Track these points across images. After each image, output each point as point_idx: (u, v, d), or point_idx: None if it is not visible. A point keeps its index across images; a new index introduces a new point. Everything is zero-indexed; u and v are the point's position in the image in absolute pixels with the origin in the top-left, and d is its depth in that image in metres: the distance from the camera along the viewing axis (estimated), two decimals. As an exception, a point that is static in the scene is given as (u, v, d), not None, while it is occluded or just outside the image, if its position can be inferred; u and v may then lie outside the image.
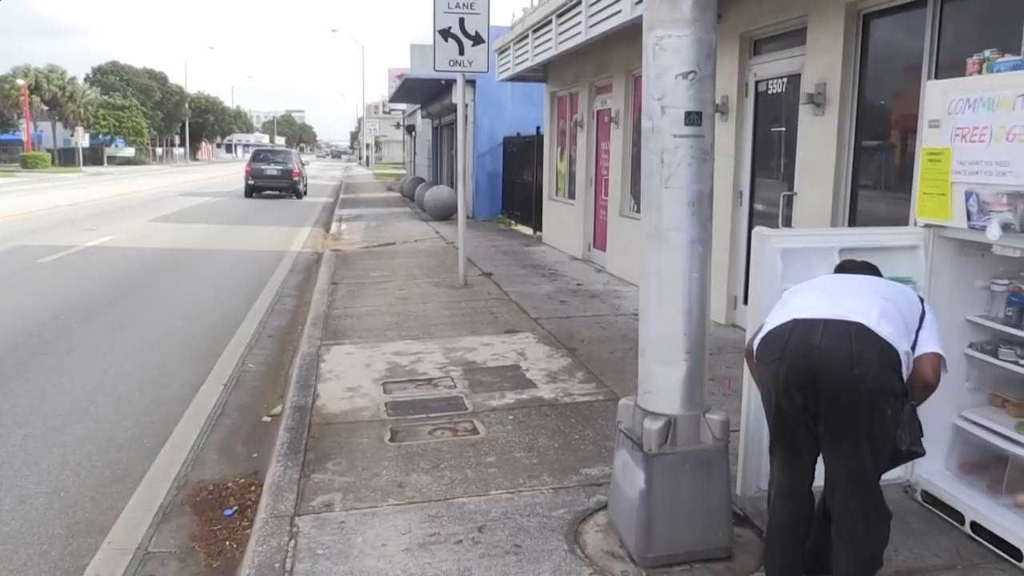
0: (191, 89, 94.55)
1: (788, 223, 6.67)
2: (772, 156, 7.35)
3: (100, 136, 67.77)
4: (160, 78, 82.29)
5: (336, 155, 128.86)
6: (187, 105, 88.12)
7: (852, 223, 6.02)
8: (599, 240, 12.10)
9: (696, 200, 3.25)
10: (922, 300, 3.06)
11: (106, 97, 70.67)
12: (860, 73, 6.05)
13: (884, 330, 2.74)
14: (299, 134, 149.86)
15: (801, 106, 6.47)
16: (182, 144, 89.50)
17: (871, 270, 3.19)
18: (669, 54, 3.21)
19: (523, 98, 19.11)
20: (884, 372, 2.71)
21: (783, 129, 7.07)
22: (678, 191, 3.23)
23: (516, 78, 15.08)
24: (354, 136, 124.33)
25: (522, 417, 5.27)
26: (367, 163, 75.25)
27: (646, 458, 3.35)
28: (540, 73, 14.36)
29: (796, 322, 2.85)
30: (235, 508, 4.35)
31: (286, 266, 12.81)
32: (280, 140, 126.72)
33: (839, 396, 2.72)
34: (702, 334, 3.39)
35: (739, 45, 7.51)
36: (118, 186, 36.03)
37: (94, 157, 65.18)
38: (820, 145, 6.26)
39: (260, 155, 30.28)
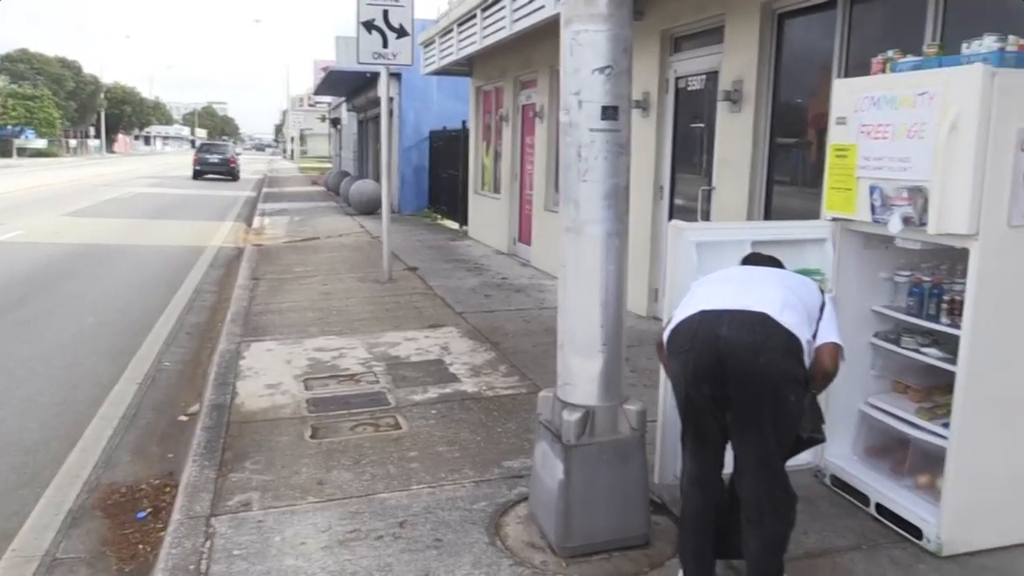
0: (107, 79, 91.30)
1: (707, 217, 6.81)
2: (692, 151, 7.50)
3: (8, 127, 64.78)
4: (74, 67, 79.12)
5: (260, 148, 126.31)
6: (103, 95, 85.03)
7: (767, 217, 6.19)
8: (524, 234, 12.16)
9: (613, 194, 3.29)
10: (823, 292, 3.14)
11: (15, 86, 67.58)
12: (775, 71, 6.21)
13: (787, 320, 2.80)
14: (221, 126, 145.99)
15: (719, 103, 6.61)
16: (98, 136, 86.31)
17: (775, 263, 3.29)
18: (586, 49, 3.24)
19: (449, 92, 19.04)
20: (788, 360, 2.78)
21: (702, 125, 7.21)
22: (595, 185, 3.27)
23: (442, 72, 15.03)
24: (278, 129, 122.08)
25: (445, 411, 5.26)
26: (292, 157, 73.93)
27: (565, 449, 3.38)
28: (466, 67, 14.34)
29: (703, 313, 2.90)
30: (149, 510, 4.24)
31: (206, 261, 12.51)
32: (201, 133, 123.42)
33: (745, 384, 2.78)
34: (619, 326, 3.44)
35: (660, 42, 7.62)
36: (28, 179, 34.51)
37: (2, 149, 62.29)
38: (737, 141, 6.41)
39: (204, 148, 40.14)
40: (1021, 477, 3.52)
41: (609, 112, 3.23)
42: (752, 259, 3.34)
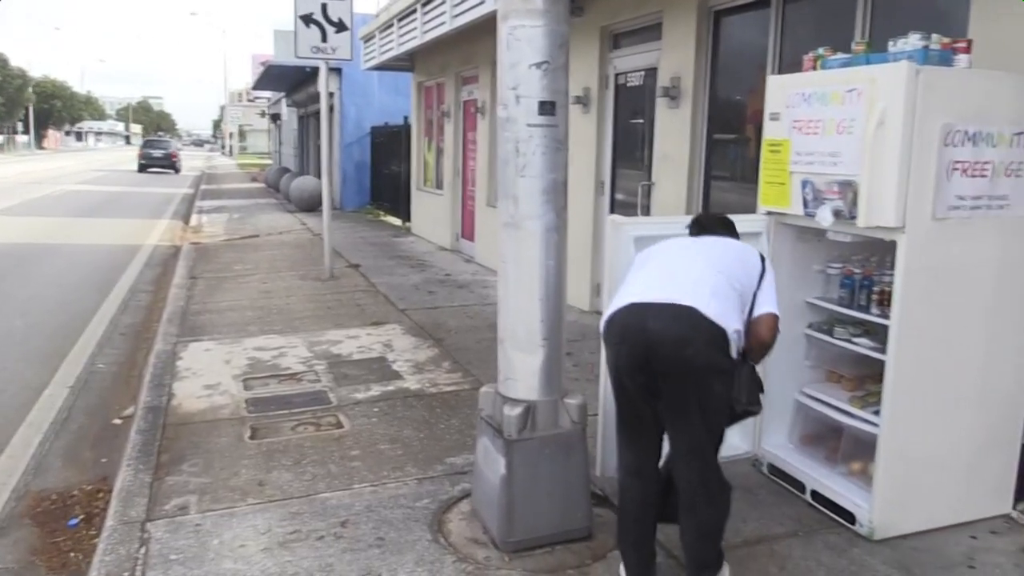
0: (36, 73, 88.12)
1: (647, 212, 6.89)
2: (632, 147, 7.57)
3: (-72, 123, 62.15)
4: (-1, 60, 76.35)
5: (199, 144, 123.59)
6: (31, 90, 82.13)
7: (706, 211, 6.27)
8: (467, 230, 12.14)
9: (551, 189, 3.30)
10: (763, 259, 3.13)
11: (-65, 80, 64.95)
12: (712, 68, 6.31)
13: (713, 311, 2.83)
14: (157, 122, 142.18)
15: (657, 99, 6.69)
16: (26, 132, 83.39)
17: (725, 225, 3.30)
18: (523, 44, 3.24)
19: (391, 87, 18.89)
20: (711, 352, 2.83)
21: (642, 121, 7.28)
22: (533, 180, 3.27)
23: (383, 67, 14.90)
24: (217, 125, 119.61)
25: (387, 409, 5.23)
26: (231, 153, 72.53)
27: (506, 444, 3.39)
28: (407, 63, 14.23)
29: (632, 306, 2.94)
30: (81, 517, 4.12)
31: (141, 260, 12.20)
32: (136, 128, 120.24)
33: (672, 376, 2.83)
34: (559, 321, 3.45)
35: (599, 38, 7.68)
36: (-49, 177, 33.30)
37: (-78, 146, 59.80)
38: (675, 137, 6.50)
39: (149, 144, 44.78)
40: (947, 462, 3.65)
41: (546, 107, 3.24)
42: (701, 220, 3.36)
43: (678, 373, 2.82)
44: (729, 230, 3.32)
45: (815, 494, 3.88)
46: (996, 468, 3.78)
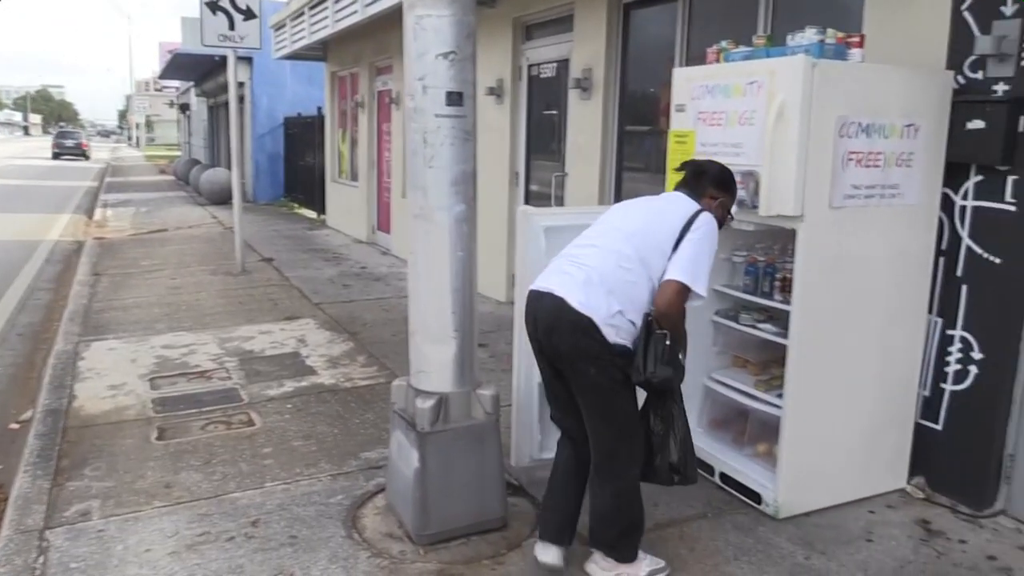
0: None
1: (561, 202, 6.94)
2: (546, 138, 7.61)
3: None
4: None
5: (105, 135, 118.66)
6: (-83, 77, 77.53)
7: (618, 201, 6.35)
8: (383, 222, 12.02)
9: (460, 180, 3.29)
10: (692, 220, 2.99)
11: None
12: (622, 60, 6.39)
13: (579, 300, 2.91)
14: (58, 112, 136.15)
15: (570, 91, 6.73)
16: (-87, 122, 78.77)
17: (696, 177, 3.20)
18: (429, 34, 3.21)
19: (305, 77, 18.51)
20: (576, 338, 2.93)
21: (555, 112, 7.32)
22: (442, 171, 3.25)
23: (294, 56, 14.59)
24: (123, 115, 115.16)
25: (301, 405, 5.14)
26: (138, 144, 70.01)
27: (419, 437, 3.37)
28: (320, 52, 13.98)
29: (531, 293, 3.11)
30: (-26, 527, 3.92)
31: (41, 257, 11.68)
32: (35, 119, 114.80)
33: (556, 359, 3.05)
34: (471, 312, 3.45)
35: (512, 30, 7.68)
36: None
37: None
38: (587, 128, 6.56)
39: (61, 135, 51.09)
40: (847, 441, 3.80)
41: (454, 98, 3.22)
42: (687, 172, 3.27)
43: (558, 359, 3.04)
44: (697, 181, 3.19)
45: (724, 476, 3.99)
46: (892, 445, 3.95)
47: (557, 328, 2.96)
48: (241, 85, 18.54)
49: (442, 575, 3.26)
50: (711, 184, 3.18)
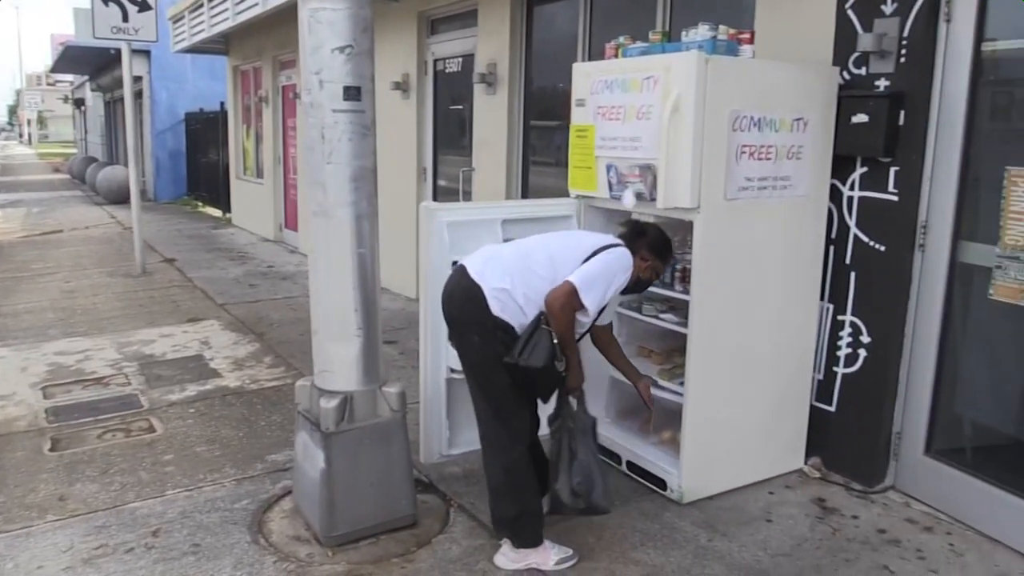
0: None
1: (469, 197, 6.94)
2: (453, 133, 7.59)
3: None
4: None
5: None
6: None
7: (525, 196, 6.41)
8: (290, 220, 11.78)
9: (360, 176, 3.25)
10: (606, 248, 3.19)
11: None
12: (527, 55, 6.41)
13: (475, 270, 3.13)
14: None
15: (475, 85, 6.73)
16: None
17: (634, 235, 3.39)
18: (325, 27, 3.15)
19: (207, 71, 18.00)
20: (463, 304, 3.12)
21: (462, 107, 7.31)
22: (341, 167, 3.21)
23: (194, 50, 14.12)
24: (12, 111, 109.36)
25: (204, 409, 5.00)
26: (30, 141, 66.74)
27: (324, 437, 3.32)
28: (221, 45, 13.58)
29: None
30: None
31: (-79, 262, 11.01)
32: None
33: (452, 333, 3.25)
34: (375, 309, 3.41)
35: (417, 24, 7.62)
36: None
37: None
38: (493, 123, 6.57)
39: None
40: (746, 425, 3.92)
41: (352, 92, 3.18)
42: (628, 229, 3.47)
43: (452, 326, 3.24)
44: (634, 240, 3.36)
45: (630, 464, 4.06)
46: (789, 428, 4.10)
47: (454, 295, 3.16)
48: (139, 79, 17.90)
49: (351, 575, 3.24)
50: (646, 247, 3.36)
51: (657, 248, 3.37)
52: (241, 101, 13.85)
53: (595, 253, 3.16)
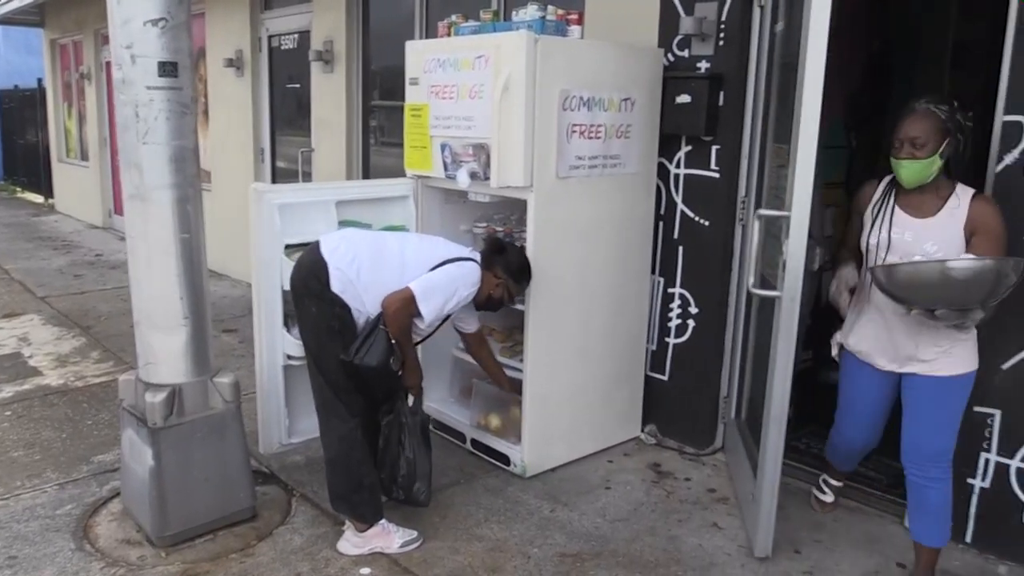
0: None
1: (309, 178, 6.76)
2: (291, 112, 7.35)
3: None
4: None
5: None
6: None
7: (366, 176, 6.31)
8: (120, 206, 11.05)
9: (179, 157, 3.07)
10: (456, 261, 3.26)
11: None
12: (364, 33, 6.28)
13: (326, 248, 3.17)
14: None
15: (312, 63, 6.54)
16: None
17: (492, 252, 3.44)
18: (135, -1, 2.96)
19: (21, 45, 16.63)
20: (307, 277, 3.15)
21: (299, 86, 7.09)
22: (158, 147, 3.03)
23: (6, 21, 13.00)
24: None
25: (22, 411, 4.64)
26: None
27: (152, 433, 3.16)
28: (36, 17, 12.56)
29: None
30: None
31: None
32: None
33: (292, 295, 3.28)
34: (202, 296, 3.26)
35: (249, -1, 7.32)
36: None
37: None
38: (332, 102, 6.41)
39: None
40: (584, 397, 4.03)
41: (168, 68, 3.00)
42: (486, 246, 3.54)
43: (292, 291, 3.25)
44: (492, 256, 3.41)
45: (474, 442, 4.10)
46: (626, 398, 4.25)
47: (302, 265, 3.20)
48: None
49: (186, 575, 3.10)
50: (502, 266, 3.38)
51: (512, 269, 3.40)
52: (61, 78, 12.86)
53: (443, 264, 3.22)
